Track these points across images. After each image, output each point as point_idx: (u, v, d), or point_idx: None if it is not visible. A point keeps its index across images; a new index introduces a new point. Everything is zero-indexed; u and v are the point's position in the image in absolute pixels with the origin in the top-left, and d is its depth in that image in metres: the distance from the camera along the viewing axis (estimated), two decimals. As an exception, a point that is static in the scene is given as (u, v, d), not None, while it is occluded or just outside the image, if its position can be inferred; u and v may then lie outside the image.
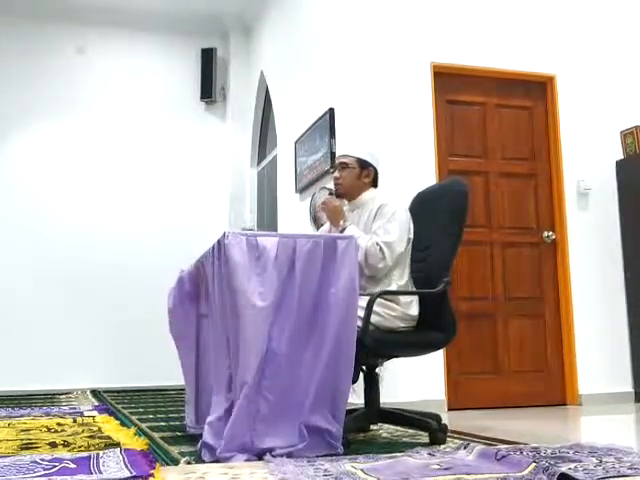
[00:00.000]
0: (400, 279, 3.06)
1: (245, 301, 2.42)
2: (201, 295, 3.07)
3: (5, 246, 6.69)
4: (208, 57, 7.45)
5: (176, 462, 2.32)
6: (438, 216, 3.14)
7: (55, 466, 2.11)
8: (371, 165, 3.28)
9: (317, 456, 2.37)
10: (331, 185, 3.54)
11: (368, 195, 3.26)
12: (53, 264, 6.70)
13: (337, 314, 2.51)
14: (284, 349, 2.46)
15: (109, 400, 5.35)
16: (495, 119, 4.87)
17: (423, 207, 3.31)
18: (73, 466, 2.12)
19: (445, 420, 3.02)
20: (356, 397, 3.16)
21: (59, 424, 3.42)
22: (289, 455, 2.36)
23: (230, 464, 2.26)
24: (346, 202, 3.32)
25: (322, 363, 2.48)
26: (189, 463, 2.30)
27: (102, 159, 7.08)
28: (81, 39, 7.16)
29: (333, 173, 3.35)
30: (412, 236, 3.13)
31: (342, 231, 3.10)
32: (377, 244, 2.99)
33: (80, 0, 6.89)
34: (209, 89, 7.44)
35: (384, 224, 3.05)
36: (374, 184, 3.31)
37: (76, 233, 6.84)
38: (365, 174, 3.27)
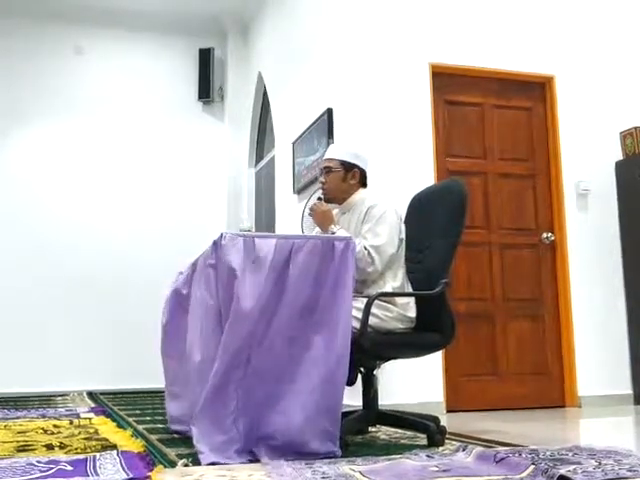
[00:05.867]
0: (394, 280, 3.03)
1: (240, 302, 2.40)
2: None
3: (2, 245, 6.67)
4: (206, 57, 7.44)
5: (173, 464, 2.31)
6: (436, 217, 3.13)
7: (51, 468, 2.10)
8: (356, 166, 3.24)
9: (315, 458, 2.36)
10: None
11: (358, 196, 3.24)
12: (49, 265, 6.69)
13: (334, 315, 2.49)
14: (279, 350, 2.44)
15: (106, 402, 5.33)
16: (494, 120, 4.86)
17: (421, 208, 3.29)
18: (69, 468, 2.11)
19: (443, 422, 3.01)
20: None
21: (55, 426, 3.41)
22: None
23: (228, 466, 2.25)
24: (337, 206, 3.30)
25: (318, 364, 2.46)
26: (186, 465, 2.29)
27: (100, 159, 7.08)
28: (79, 39, 7.15)
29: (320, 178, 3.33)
30: (404, 236, 3.11)
31: None
32: (365, 248, 2.96)
33: (78, 0, 6.88)
34: (207, 89, 7.43)
35: (373, 227, 3.03)
36: (363, 184, 3.29)
37: (74, 233, 6.83)
38: (350, 176, 3.23)
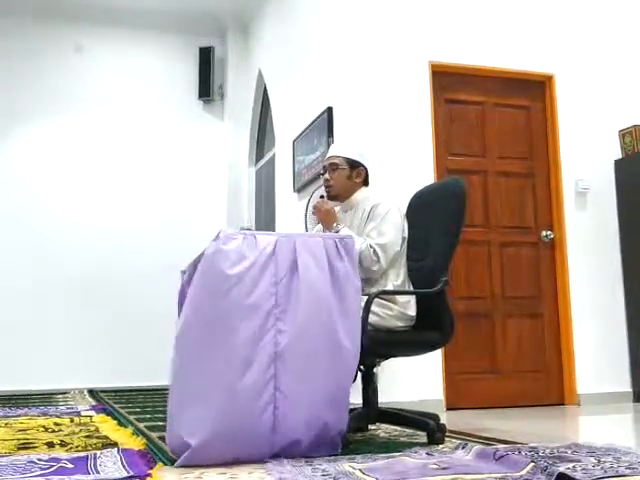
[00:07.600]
0: (396, 279, 3.05)
1: (240, 302, 2.38)
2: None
3: (2, 245, 6.68)
4: (206, 56, 7.45)
5: (174, 462, 2.31)
6: (436, 215, 3.14)
7: (52, 466, 2.11)
8: (361, 164, 3.26)
9: (315, 456, 2.36)
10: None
11: (360, 195, 3.25)
12: (49, 265, 6.69)
13: (338, 314, 2.48)
14: (284, 349, 2.42)
15: (106, 400, 5.33)
16: (493, 118, 4.86)
17: (421, 206, 3.30)
18: (70, 466, 2.12)
19: (443, 420, 3.02)
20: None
21: (56, 424, 3.42)
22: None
23: (228, 464, 2.26)
24: (339, 204, 3.30)
25: (326, 361, 2.44)
26: (187, 463, 2.29)
27: (100, 158, 7.09)
28: (79, 38, 7.16)
29: (323, 175, 3.33)
30: (406, 235, 3.12)
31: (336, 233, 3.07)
32: (371, 247, 2.97)
33: (78, -1, 6.90)
34: (207, 88, 7.44)
35: (378, 225, 3.04)
36: (365, 183, 3.30)
37: (74, 232, 6.84)
38: (356, 174, 3.25)
